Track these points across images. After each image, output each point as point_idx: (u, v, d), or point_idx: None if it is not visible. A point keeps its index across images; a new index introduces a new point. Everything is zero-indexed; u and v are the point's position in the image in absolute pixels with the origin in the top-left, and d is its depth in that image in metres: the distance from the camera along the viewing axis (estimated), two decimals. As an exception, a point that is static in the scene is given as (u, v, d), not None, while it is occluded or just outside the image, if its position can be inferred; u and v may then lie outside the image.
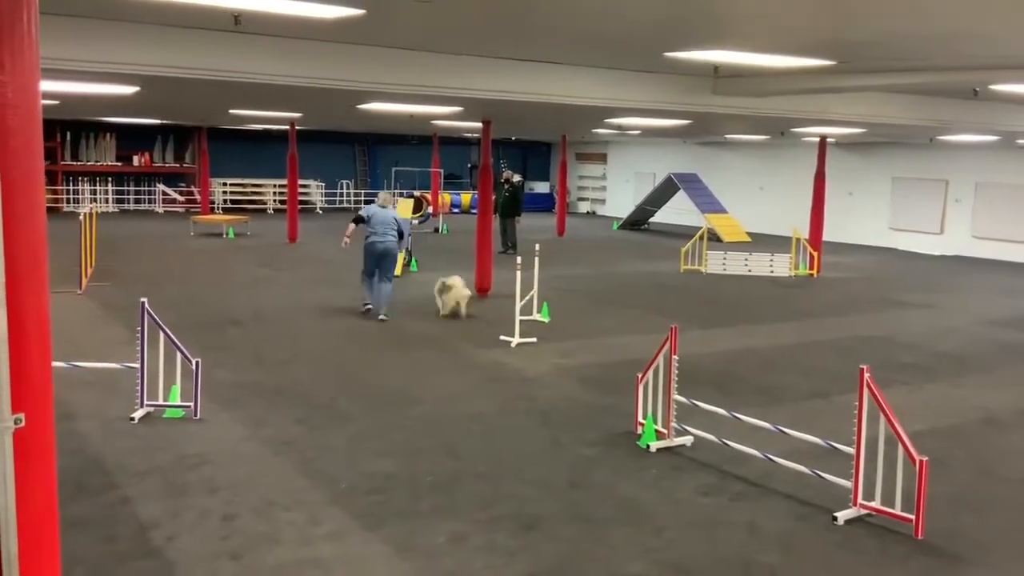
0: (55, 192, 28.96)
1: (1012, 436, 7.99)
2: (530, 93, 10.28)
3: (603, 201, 36.56)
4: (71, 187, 29.38)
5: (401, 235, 12.84)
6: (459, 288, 12.57)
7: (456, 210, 32.44)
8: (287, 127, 22.50)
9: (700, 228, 19.89)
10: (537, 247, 12.88)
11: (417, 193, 27.77)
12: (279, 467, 6.59)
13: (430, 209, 27.47)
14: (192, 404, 7.61)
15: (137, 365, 7.55)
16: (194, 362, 7.49)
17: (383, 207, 12.82)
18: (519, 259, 11.39)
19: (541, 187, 37.55)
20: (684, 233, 23.88)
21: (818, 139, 19.90)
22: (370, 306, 12.70)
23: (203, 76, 8.22)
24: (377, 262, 12.46)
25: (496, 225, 20.50)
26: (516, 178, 21.67)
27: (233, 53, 8.20)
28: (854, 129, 17.53)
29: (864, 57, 8.81)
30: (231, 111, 17.22)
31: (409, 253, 17.91)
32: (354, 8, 6.40)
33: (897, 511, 5.67)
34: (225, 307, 13.01)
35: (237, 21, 6.57)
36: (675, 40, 8.19)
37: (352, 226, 12.89)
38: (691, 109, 11.66)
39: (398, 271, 14.23)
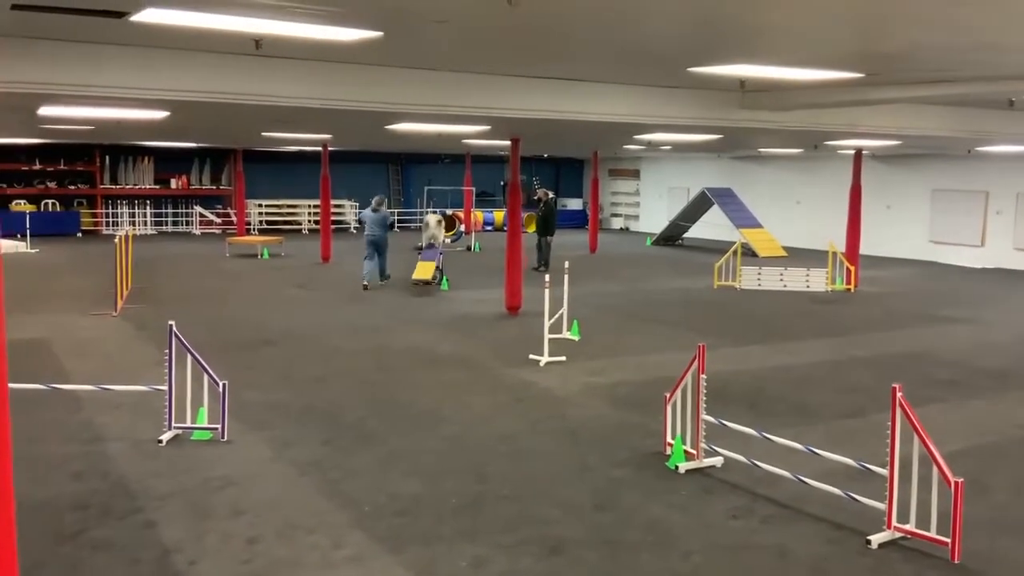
0: (95, 215, 29.51)
1: (1056, 455, 7.74)
2: (556, 111, 10.26)
3: (636, 217, 36.39)
4: (111, 210, 29.90)
5: (392, 226, 18.86)
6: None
7: (489, 228, 32.48)
8: (320, 148, 22.70)
9: (734, 243, 19.68)
10: (567, 264, 12.79)
11: (450, 212, 27.88)
12: (304, 489, 6.57)
13: (463, 227, 27.53)
14: (219, 426, 7.63)
15: (165, 388, 7.59)
16: (221, 384, 7.52)
17: (375, 211, 17.88)
18: (547, 277, 11.33)
19: (574, 203, 37.47)
20: (718, 248, 23.66)
21: (853, 152, 19.64)
22: (366, 283, 17.30)
23: (228, 100, 8.31)
24: (372, 248, 17.56)
25: (533, 242, 20.56)
26: (548, 195, 21.60)
27: (257, 77, 8.29)
28: (888, 141, 17.26)
29: (894, 69, 8.66)
30: (263, 134, 17.40)
31: (441, 272, 17.95)
32: (372, 31, 6.42)
33: (933, 534, 5.50)
34: (257, 327, 13.09)
35: (258, 46, 6.63)
36: (700, 55, 8.12)
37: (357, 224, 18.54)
38: (718, 124, 11.55)
39: (428, 275, 17.46)
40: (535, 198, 21.42)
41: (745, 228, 25.43)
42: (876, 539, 5.65)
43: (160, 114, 11.76)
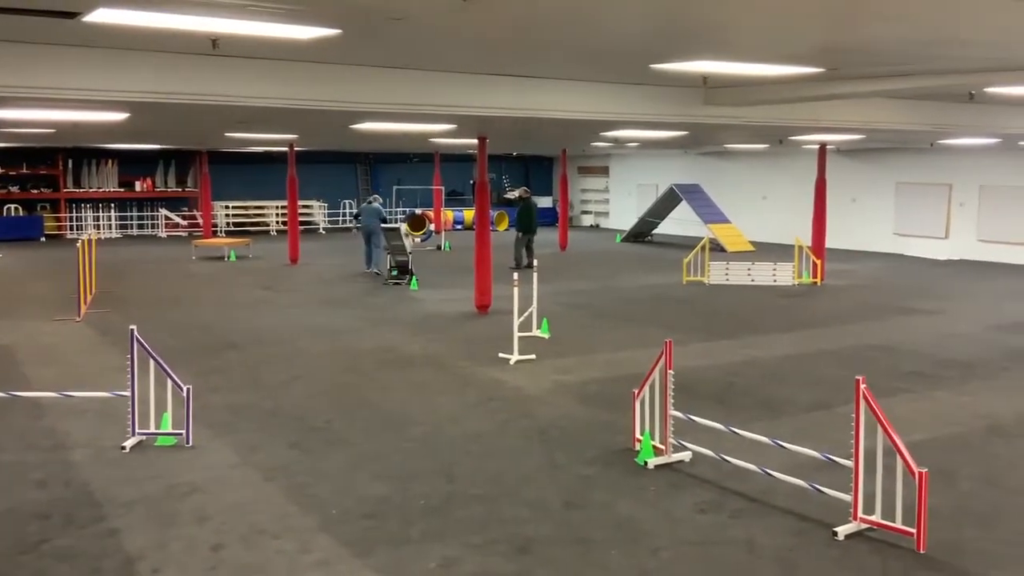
0: (59, 219, 29.08)
1: (1018, 444, 7.84)
2: (521, 108, 10.23)
3: (606, 214, 36.49)
4: (75, 214, 29.47)
5: (384, 220, 19.60)
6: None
7: (459, 227, 32.41)
8: (287, 149, 22.51)
9: (703, 239, 19.78)
10: (535, 263, 12.80)
11: (419, 211, 27.78)
12: (270, 493, 6.49)
13: (432, 227, 27.44)
14: (184, 431, 7.53)
15: (128, 393, 7.48)
16: (184, 389, 7.42)
17: (369, 204, 20.12)
18: (516, 275, 11.30)
19: (544, 201, 37.40)
20: (687, 244, 23.77)
21: (817, 147, 19.81)
22: (366, 270, 19.62)
23: (187, 101, 8.19)
24: (364, 237, 20.00)
25: (509, 240, 20.56)
26: (514, 194, 21.66)
27: (216, 77, 8.18)
28: (852, 136, 17.42)
29: (855, 64, 8.73)
30: (227, 135, 17.22)
31: (411, 272, 17.87)
32: (329, 28, 6.36)
33: (898, 525, 5.55)
34: (224, 330, 12.95)
35: (215, 45, 6.54)
36: (662, 52, 8.13)
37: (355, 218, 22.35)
38: (683, 120, 11.59)
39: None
40: (511, 196, 21.45)
41: (713, 223, 25.59)
42: (842, 530, 5.69)
43: (119, 116, 11.59)
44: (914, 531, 5.46)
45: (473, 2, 4.40)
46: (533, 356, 11.09)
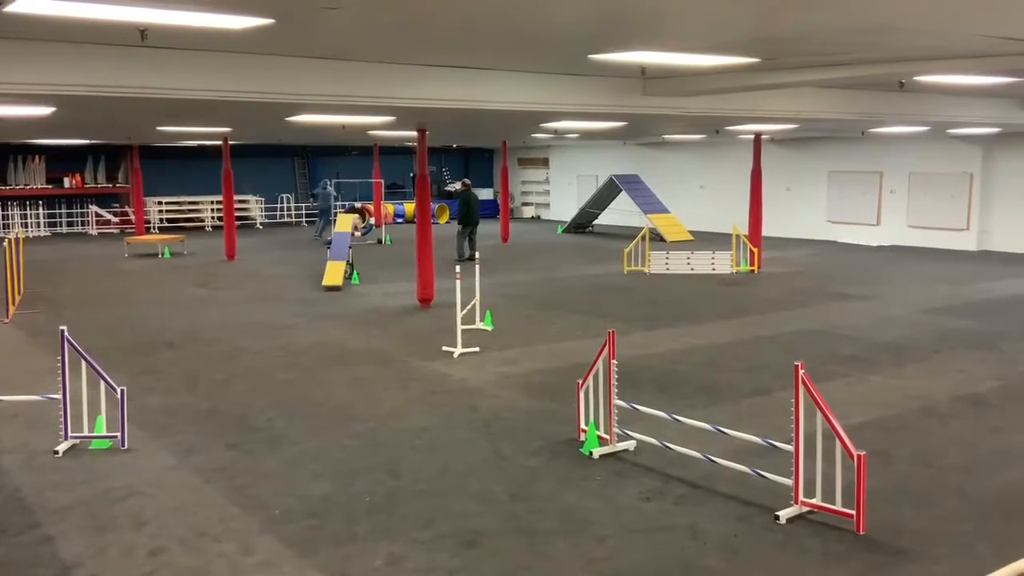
0: (-17, 218, 28.11)
1: (950, 424, 8.06)
2: (461, 100, 10.16)
3: (547, 205, 36.58)
4: (0, 212, 28.51)
5: (335, 198, 26.20)
6: None
7: (400, 220, 32.18)
8: (221, 143, 22.07)
9: (643, 229, 19.95)
10: (477, 255, 12.76)
11: (359, 205, 27.49)
12: (210, 495, 6.35)
13: (372, 220, 27.19)
14: (119, 434, 7.32)
15: (59, 396, 7.25)
16: (119, 390, 7.21)
17: (324, 188, 26.43)
18: (458, 268, 11.25)
19: (485, 193, 37.40)
20: (628, 234, 23.95)
21: (753, 136, 20.10)
22: (316, 236, 25.76)
23: (115, 94, 7.94)
24: (320, 214, 26.62)
25: (445, 232, 20.48)
26: (455, 186, 21.61)
27: (145, 69, 7.94)
28: (786, 125, 17.72)
29: (788, 53, 8.85)
30: (158, 128, 16.80)
31: (351, 266, 17.67)
32: (261, 18, 6.22)
33: (838, 507, 5.65)
34: (159, 329, 12.65)
35: (144, 36, 6.34)
36: (600, 42, 8.14)
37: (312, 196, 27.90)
38: (622, 111, 11.65)
39: (338, 280, 16.67)
40: (451, 189, 21.36)
41: (652, 213, 25.82)
42: (784, 514, 5.77)
43: (45, 110, 11.21)
44: (853, 513, 5.56)
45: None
46: (477, 349, 11.05)
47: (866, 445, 6.24)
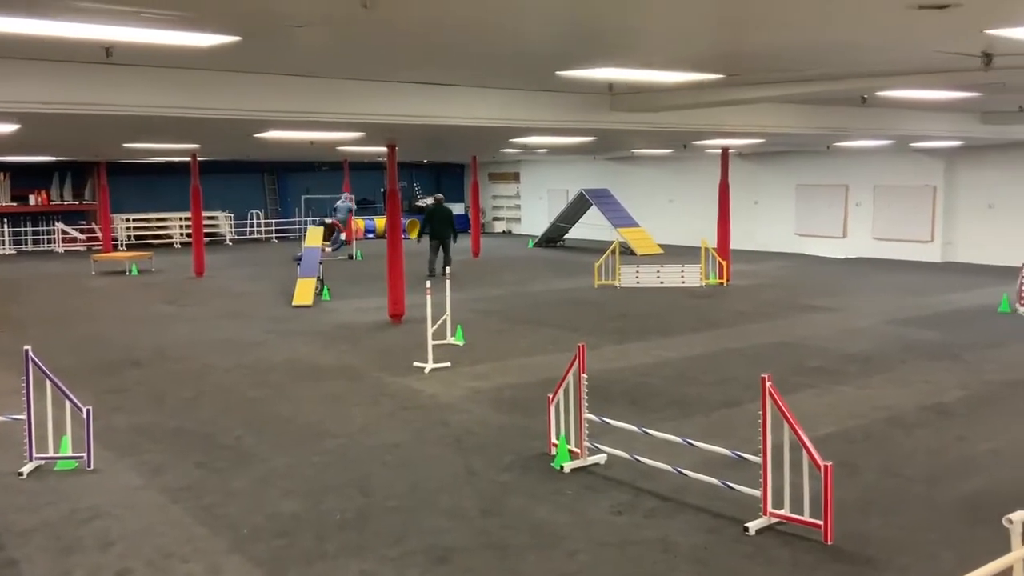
0: (-54, 236, 27.67)
1: (916, 434, 8.16)
2: (431, 116, 10.18)
3: (518, 220, 36.68)
4: (-37, 230, 28.13)
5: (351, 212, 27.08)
6: None
7: (371, 235, 32.10)
8: (189, 159, 21.93)
9: (613, 242, 20.05)
10: (448, 270, 12.78)
11: (329, 220, 27.39)
12: (178, 515, 6.28)
13: (343, 236, 27.10)
14: (84, 454, 7.23)
15: (24, 417, 7.14)
16: (84, 410, 7.13)
17: (344, 202, 26.45)
18: (428, 283, 11.23)
19: (456, 208, 37.42)
20: (598, 248, 24.05)
21: (720, 151, 20.31)
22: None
23: (80, 111, 7.88)
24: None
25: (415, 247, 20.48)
26: (427, 201, 21.66)
27: (110, 86, 7.89)
28: (753, 140, 17.94)
29: (752, 70, 8.98)
30: (125, 145, 16.67)
31: (321, 282, 17.59)
32: (228, 35, 6.21)
33: (806, 518, 5.70)
34: (126, 347, 12.51)
35: (109, 54, 6.31)
36: (568, 59, 8.21)
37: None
38: (590, 126, 11.74)
39: (309, 300, 16.41)
40: (423, 204, 21.40)
41: (623, 227, 25.95)
42: (753, 526, 5.82)
43: (9, 127, 11.09)
44: (821, 523, 5.61)
45: (373, 8, 4.32)
46: (448, 364, 11.04)
47: (834, 455, 6.31)
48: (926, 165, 23.14)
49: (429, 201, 36.16)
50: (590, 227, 29.09)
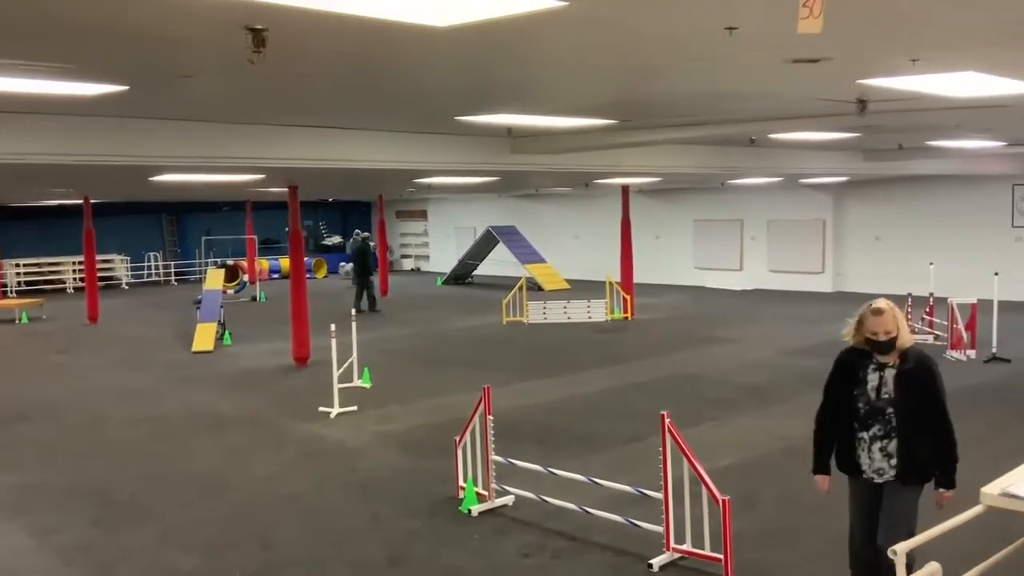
0: None
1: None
2: (330, 160, 10.13)
3: (427, 257, 36.65)
4: None
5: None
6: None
7: (276, 276, 31.55)
8: (82, 201, 21.23)
9: (520, 279, 20.23)
10: (353, 312, 12.68)
11: (231, 261, 26.86)
12: (70, 579, 6.03)
13: (246, 277, 26.59)
14: (-33, 518, 6.88)
15: (-101, 481, 6.76)
16: (-33, 472, 6.79)
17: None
18: (333, 326, 11.11)
19: (362, 247, 37.21)
20: (507, 284, 24.20)
21: (621, 188, 20.76)
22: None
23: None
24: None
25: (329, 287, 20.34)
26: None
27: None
28: (650, 178, 18.41)
29: (644, 115, 9.28)
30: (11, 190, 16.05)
31: (222, 325, 17.18)
32: (115, 85, 6.10)
33: (707, 552, 5.83)
34: (13, 402, 11.96)
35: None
36: (465, 106, 8.33)
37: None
38: (491, 167, 11.88)
39: (209, 345, 16.01)
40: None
41: (530, 263, 26.20)
42: (657, 562, 5.91)
43: None
44: (722, 557, 5.74)
45: (261, 62, 4.32)
46: (355, 407, 10.92)
47: (733, 487, 6.47)
48: (816, 200, 24.15)
49: (336, 239, 35.94)
50: (498, 263, 29.27)
